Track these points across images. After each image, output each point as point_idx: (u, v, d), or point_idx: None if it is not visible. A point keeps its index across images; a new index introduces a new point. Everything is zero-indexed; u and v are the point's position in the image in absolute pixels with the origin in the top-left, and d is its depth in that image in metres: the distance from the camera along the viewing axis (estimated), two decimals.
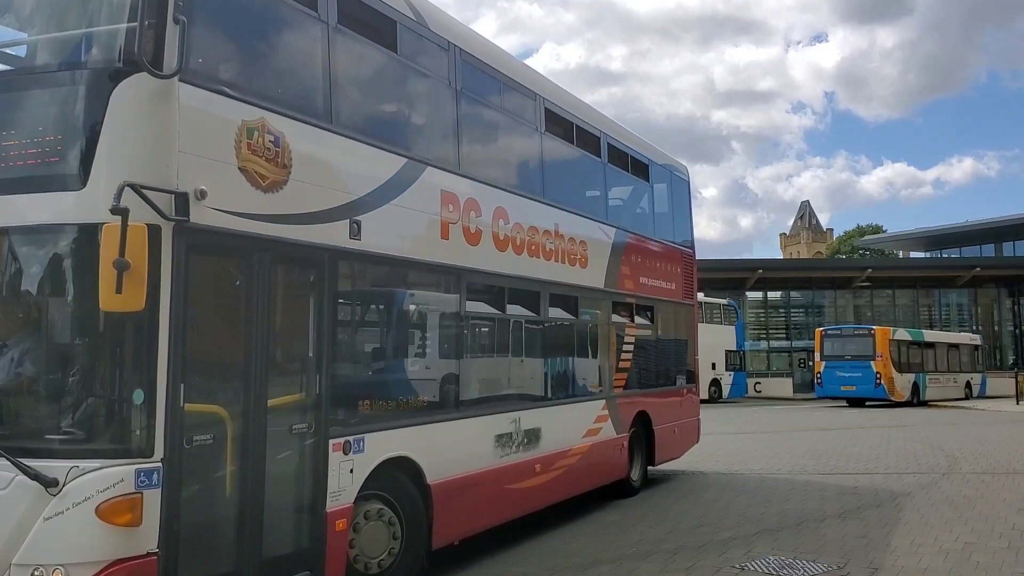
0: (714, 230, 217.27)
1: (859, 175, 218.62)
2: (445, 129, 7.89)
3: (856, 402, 34.38)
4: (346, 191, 6.18)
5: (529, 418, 8.50)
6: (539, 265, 8.94)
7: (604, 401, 10.34)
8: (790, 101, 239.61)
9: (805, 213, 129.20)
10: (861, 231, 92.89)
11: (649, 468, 11.87)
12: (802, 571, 7.06)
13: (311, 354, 5.84)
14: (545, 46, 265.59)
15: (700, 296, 39.27)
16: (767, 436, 20.42)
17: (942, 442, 18.23)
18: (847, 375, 33.80)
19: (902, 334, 36.04)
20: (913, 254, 69.41)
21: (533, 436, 8.55)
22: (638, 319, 11.50)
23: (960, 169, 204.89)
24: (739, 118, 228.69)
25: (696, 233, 14.27)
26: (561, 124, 10.04)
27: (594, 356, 10.44)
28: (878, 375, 33.18)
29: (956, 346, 39.42)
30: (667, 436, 12.09)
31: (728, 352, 38.64)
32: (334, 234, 5.99)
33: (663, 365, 12.53)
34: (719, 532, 8.68)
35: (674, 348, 12.98)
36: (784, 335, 52.26)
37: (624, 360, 11.01)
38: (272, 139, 5.43)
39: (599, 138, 10.93)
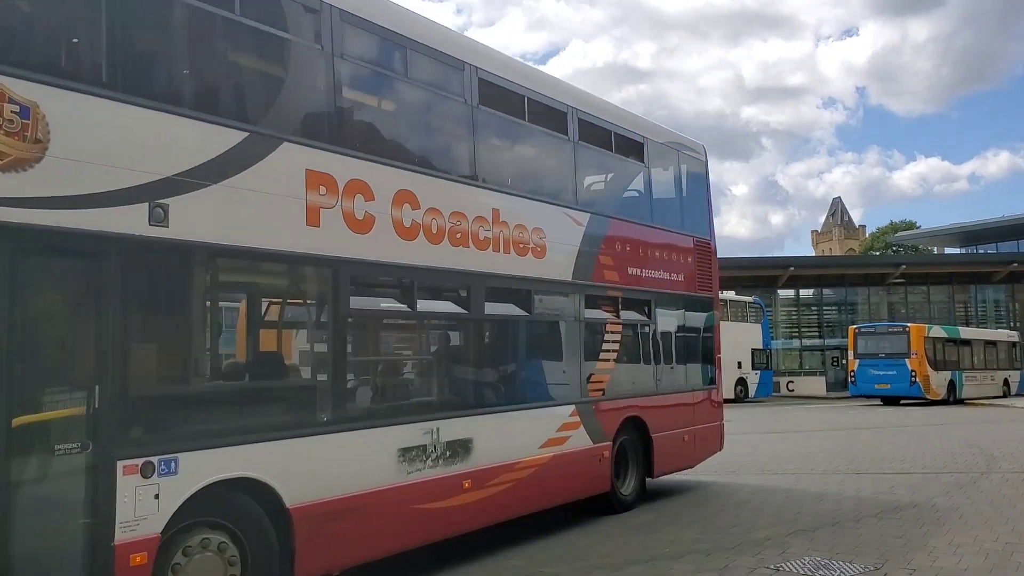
0: (744, 228, 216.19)
1: (892, 170, 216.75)
2: (315, 100, 6.82)
3: (891, 401, 34.03)
4: (142, 170, 5.24)
5: (453, 428, 7.41)
6: (468, 255, 7.84)
7: (573, 407, 9.14)
8: (820, 97, 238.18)
9: (837, 210, 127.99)
10: (895, 227, 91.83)
11: (655, 479, 10.93)
12: (838, 571, 6.97)
13: (86, 362, 5.02)
14: (572, 44, 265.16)
15: (730, 294, 39.23)
16: (801, 436, 20.23)
17: (980, 441, 17.96)
18: (881, 373, 33.45)
19: (937, 331, 35.59)
20: (948, 250, 68.47)
21: (460, 448, 7.47)
22: (628, 314, 10.32)
23: (996, 163, 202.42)
24: (769, 114, 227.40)
25: (726, 230, 13.77)
26: (504, 98, 8.80)
27: (556, 356, 9.36)
28: (913, 373, 32.79)
29: (993, 343, 38.89)
30: (672, 444, 10.86)
31: (755, 351, 38.26)
32: (124, 220, 5.11)
33: (668, 365, 11.20)
34: (753, 532, 8.60)
35: (684, 346, 11.57)
36: (817, 333, 51.76)
37: (606, 360, 9.88)
38: (16, 110, 4.62)
39: (565, 113, 9.62)
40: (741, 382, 37.47)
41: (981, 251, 61.98)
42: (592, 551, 7.97)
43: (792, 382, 44.51)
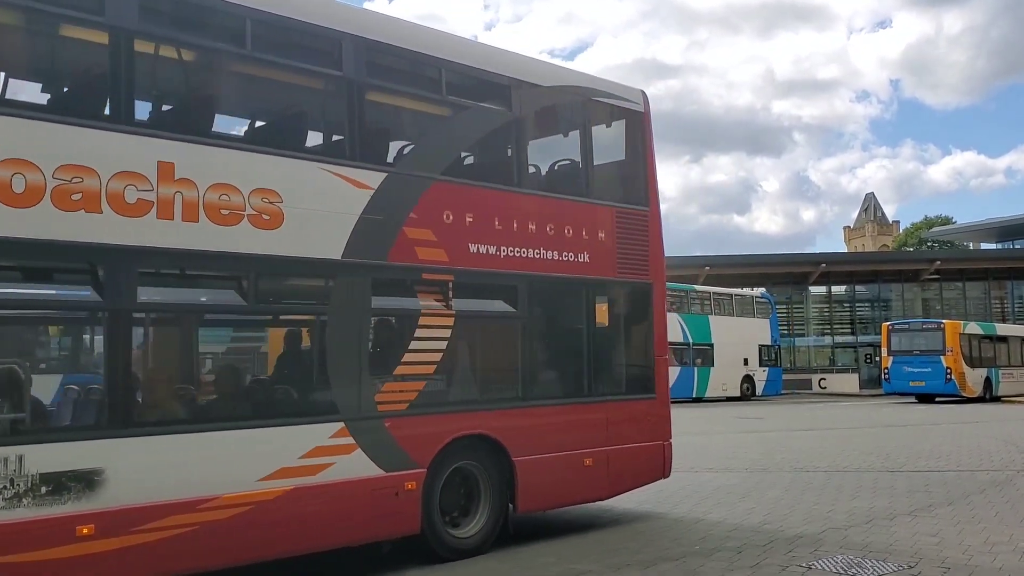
0: (775, 224, 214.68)
1: (926, 165, 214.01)
2: None
3: (925, 398, 33.71)
4: None
5: (54, 456, 5.56)
6: (99, 224, 5.83)
7: (341, 424, 6.92)
8: (853, 90, 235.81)
9: (870, 205, 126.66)
10: (929, 223, 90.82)
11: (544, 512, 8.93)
12: (871, 570, 6.92)
13: None
14: (600, 39, 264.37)
15: (746, 290, 38.50)
16: (833, 433, 20.07)
17: (1017, 439, 17.73)
18: (916, 370, 33.16)
19: (973, 328, 35.20)
20: (984, 245, 67.58)
21: (72, 483, 5.58)
22: (470, 304, 8.08)
23: None
24: (801, 108, 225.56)
25: (756, 227, 11.70)
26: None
27: (302, 358, 7.44)
28: (948, 370, 32.46)
29: None
30: (555, 471, 8.39)
31: (762, 347, 37.72)
32: None
33: (549, 369, 8.92)
34: (785, 530, 8.55)
35: (589, 344, 9.03)
36: (849, 330, 51.35)
37: (419, 363, 7.61)
38: None
39: (338, 42, 7.38)
40: (748, 379, 37.08)
41: (1018, 246, 61.08)
42: (622, 548, 7.96)
43: (824, 379, 44.14)
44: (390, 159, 7.97)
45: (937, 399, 33.49)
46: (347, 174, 7.18)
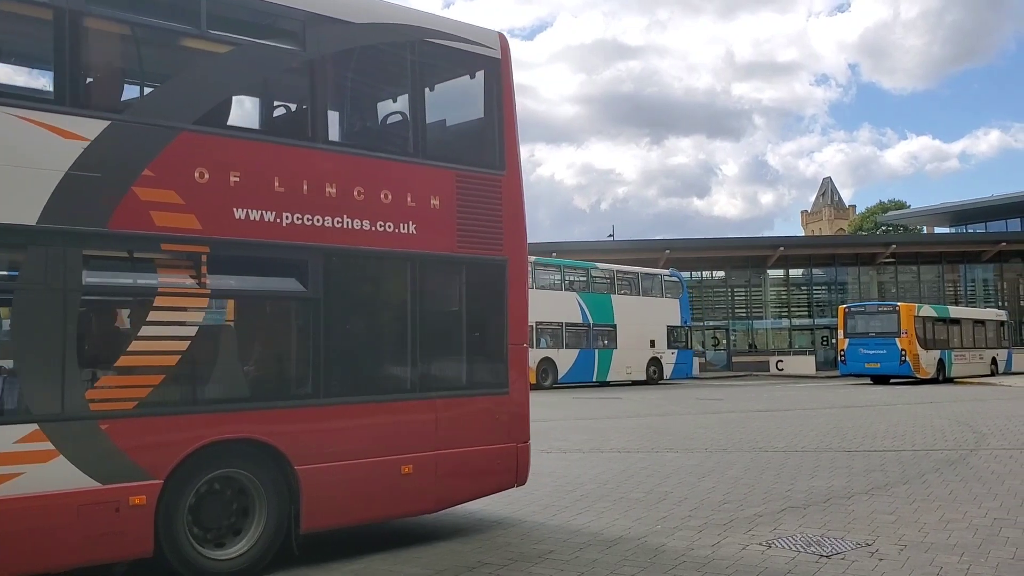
0: (734, 207, 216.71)
1: (883, 149, 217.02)
2: None
3: (880, 379, 34.31)
4: None
5: None
6: None
7: (35, 427, 5.66)
8: (813, 73, 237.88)
9: (827, 190, 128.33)
10: (884, 207, 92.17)
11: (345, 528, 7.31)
12: (830, 548, 7.00)
13: None
14: (560, 18, 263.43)
15: (654, 269, 37.49)
16: (791, 414, 20.33)
17: (969, 418, 18.09)
18: (871, 352, 33.72)
19: (927, 310, 35.86)
20: (938, 229, 68.82)
21: None
22: (235, 282, 6.82)
23: (986, 142, 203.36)
24: (761, 91, 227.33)
25: (715, 210, 10.25)
26: None
27: None
28: (903, 352, 33.05)
29: (982, 322, 39.20)
30: (353, 482, 7.00)
31: (671, 328, 36.45)
32: None
33: (358, 359, 7.41)
34: (746, 509, 8.63)
35: (410, 330, 7.53)
36: (807, 313, 52.04)
37: (151, 352, 6.21)
38: None
39: None
40: (655, 362, 35.73)
41: (970, 231, 62.32)
42: (585, 529, 7.97)
43: (782, 361, 44.73)
44: (103, 106, 6.34)
45: (892, 380, 34.11)
46: (51, 122, 5.83)
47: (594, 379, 33.44)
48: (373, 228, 7.24)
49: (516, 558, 6.84)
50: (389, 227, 7.33)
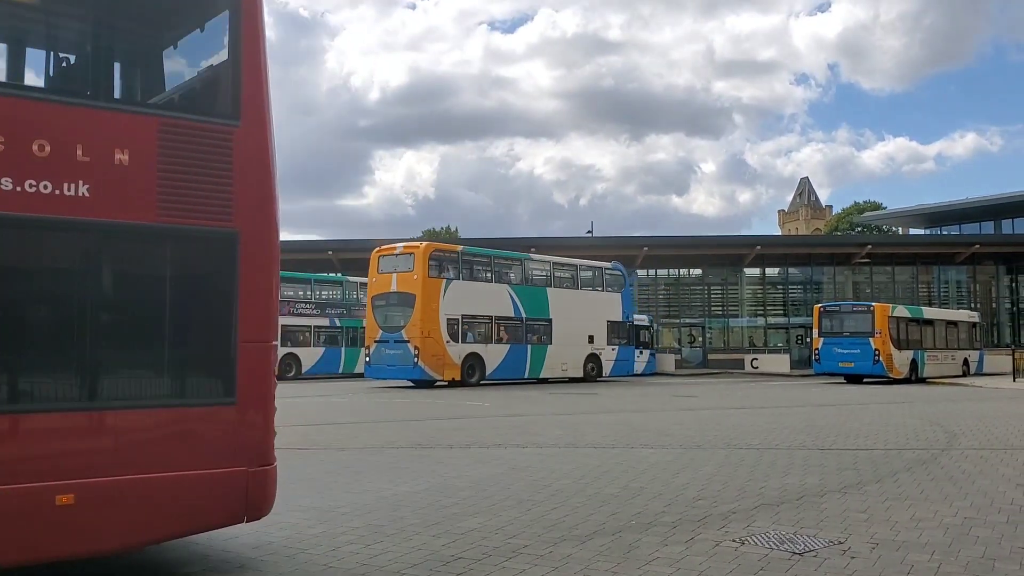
0: (712, 206, 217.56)
1: (861, 150, 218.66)
2: None
3: (854, 379, 34.60)
4: None
5: None
6: None
7: None
8: (793, 72, 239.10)
9: (804, 189, 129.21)
10: (860, 208, 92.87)
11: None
12: (803, 545, 7.02)
13: None
14: (541, 12, 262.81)
15: (595, 261, 36.04)
16: (765, 412, 20.44)
17: (941, 418, 18.26)
18: (845, 352, 33.99)
19: (901, 311, 36.18)
20: (913, 231, 69.49)
21: None
22: None
23: (962, 144, 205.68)
24: (741, 89, 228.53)
25: (693, 208, 9.24)
26: None
27: None
28: (876, 352, 33.34)
29: (955, 323, 39.60)
30: None
31: (611, 323, 35.08)
32: None
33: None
34: (719, 506, 8.65)
35: (76, 321, 5.75)
36: (782, 311, 52.39)
37: None
38: None
39: None
40: (593, 359, 34.30)
41: (945, 232, 62.97)
42: (559, 524, 7.95)
43: (756, 359, 45.00)
44: None
45: (865, 380, 34.42)
46: None
47: (526, 375, 32.07)
48: (17, 189, 5.45)
49: (490, 552, 6.82)
50: (45, 188, 5.55)
